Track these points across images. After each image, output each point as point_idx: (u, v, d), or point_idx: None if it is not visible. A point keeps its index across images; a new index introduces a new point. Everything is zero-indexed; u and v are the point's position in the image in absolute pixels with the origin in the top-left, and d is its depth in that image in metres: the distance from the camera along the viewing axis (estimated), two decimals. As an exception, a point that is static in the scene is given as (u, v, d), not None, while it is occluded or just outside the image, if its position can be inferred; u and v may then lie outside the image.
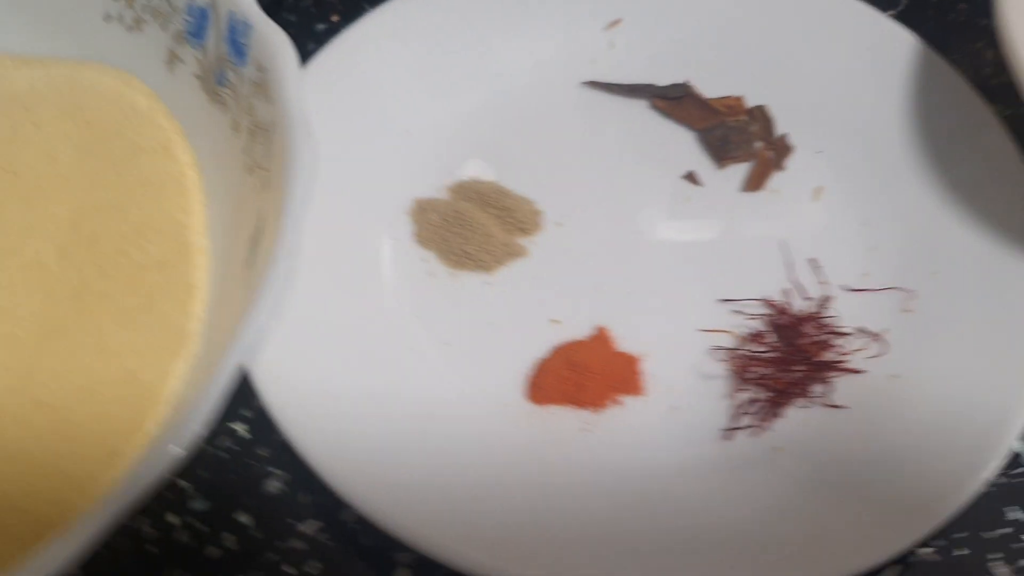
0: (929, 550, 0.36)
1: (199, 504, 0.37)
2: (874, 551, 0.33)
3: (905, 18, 0.48)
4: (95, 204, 0.38)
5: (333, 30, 0.45)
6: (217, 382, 0.28)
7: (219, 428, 0.39)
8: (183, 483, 0.38)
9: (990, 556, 0.36)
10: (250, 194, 0.36)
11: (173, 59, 0.40)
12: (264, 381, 0.35)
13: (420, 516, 0.33)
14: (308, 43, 0.47)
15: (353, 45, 0.44)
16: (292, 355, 0.36)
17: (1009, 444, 0.34)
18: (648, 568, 0.34)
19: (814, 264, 0.41)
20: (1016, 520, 0.36)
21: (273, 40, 0.35)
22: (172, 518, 0.37)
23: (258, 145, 0.36)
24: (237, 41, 0.37)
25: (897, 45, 0.44)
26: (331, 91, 0.43)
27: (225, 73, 0.37)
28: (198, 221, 0.39)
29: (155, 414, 0.33)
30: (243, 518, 0.37)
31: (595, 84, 0.47)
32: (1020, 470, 0.38)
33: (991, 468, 0.34)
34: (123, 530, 0.36)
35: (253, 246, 0.34)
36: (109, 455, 0.32)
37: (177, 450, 0.27)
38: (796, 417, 0.38)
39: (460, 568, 0.32)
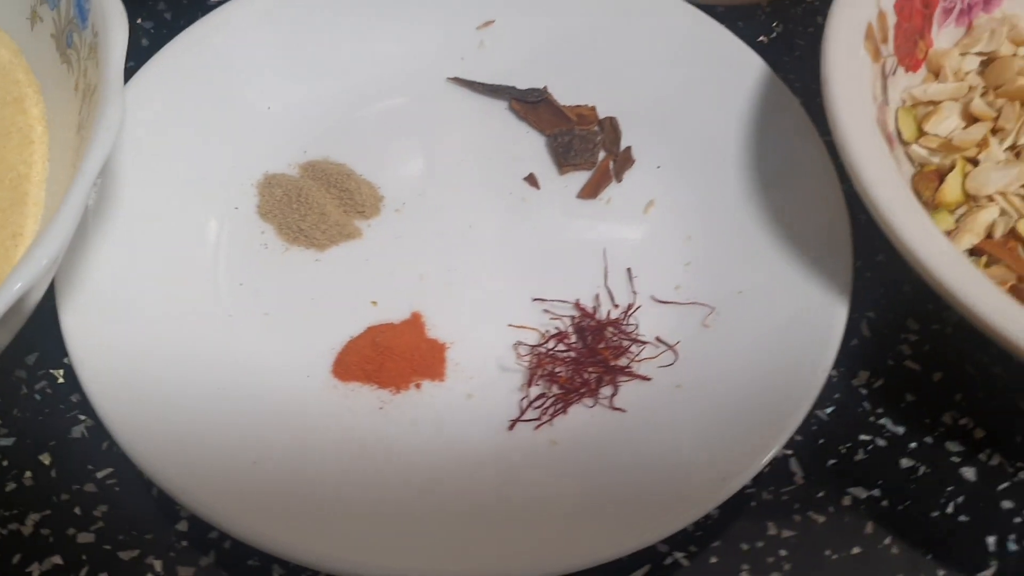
0: (681, 554, 0.37)
1: (4, 440, 0.39)
2: (620, 543, 0.34)
3: (773, 47, 0.50)
4: (-59, 145, 0.40)
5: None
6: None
7: (39, 373, 0.41)
8: (-6, 419, 0.39)
9: (740, 567, 0.37)
10: (74, 152, 0.37)
11: (35, 17, 0.42)
12: (71, 329, 0.37)
13: (196, 478, 0.35)
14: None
15: (226, 20, 0.46)
16: (106, 306, 0.38)
17: (763, 462, 0.35)
18: (428, 543, 0.35)
19: (629, 273, 0.43)
20: (773, 536, 0.38)
21: (108, 6, 0.37)
22: (-23, 451, 0.39)
23: (86, 106, 0.37)
24: (82, 5, 0.38)
25: (748, 71, 0.46)
26: (197, 64, 0.45)
27: (72, 35, 0.39)
28: (38, 174, 0.40)
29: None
30: (44, 458, 0.39)
31: (459, 81, 0.48)
32: (791, 487, 0.39)
33: (741, 480, 0.35)
34: (-72, 458, 0.38)
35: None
36: None
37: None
38: (579, 415, 0.39)
39: (228, 531, 0.34)
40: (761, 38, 0.52)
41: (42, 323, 0.37)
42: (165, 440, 0.36)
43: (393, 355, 0.40)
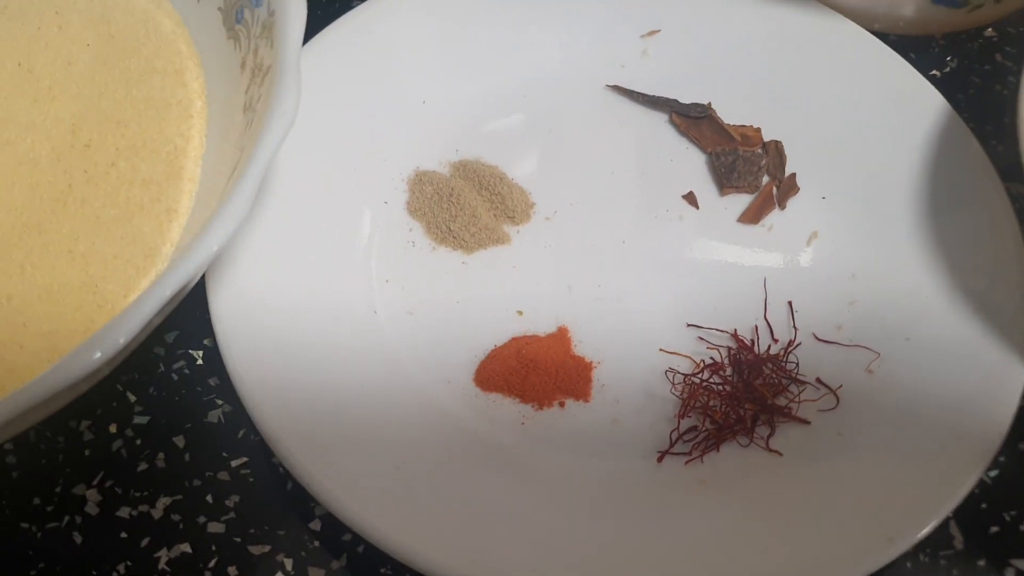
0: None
1: (141, 419, 0.38)
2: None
3: (947, 81, 0.48)
4: (99, 114, 0.39)
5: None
6: (150, 297, 0.28)
7: (178, 353, 0.40)
8: (132, 396, 0.39)
9: (895, 630, 0.35)
10: (239, 132, 0.36)
11: (202, -11, 0.41)
12: (219, 313, 0.36)
13: (338, 476, 0.34)
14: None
15: (387, 8, 0.44)
16: (254, 292, 0.37)
17: (925, 532, 0.33)
18: (566, 570, 0.34)
19: (791, 307, 0.41)
20: (930, 600, 0.36)
21: (286, -15, 0.35)
22: (113, 428, 0.38)
23: (255, 86, 0.36)
24: (257, -18, 0.37)
25: (925, 105, 0.43)
26: (356, 50, 0.44)
27: (243, 11, 0.38)
28: (195, 149, 0.40)
29: (105, 325, 0.34)
30: (179, 441, 0.38)
31: (619, 89, 0.47)
32: (950, 551, 0.37)
33: (908, 542, 0.33)
34: (64, 429, 0.38)
35: (228, 181, 0.34)
36: (51, 354, 0.33)
37: (97, 355, 0.28)
38: (732, 454, 0.37)
39: (366, 535, 0.33)
40: (934, 72, 0.49)
41: (184, 302, 0.36)
42: (305, 433, 0.35)
43: (538, 369, 0.39)
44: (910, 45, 0.48)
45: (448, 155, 0.44)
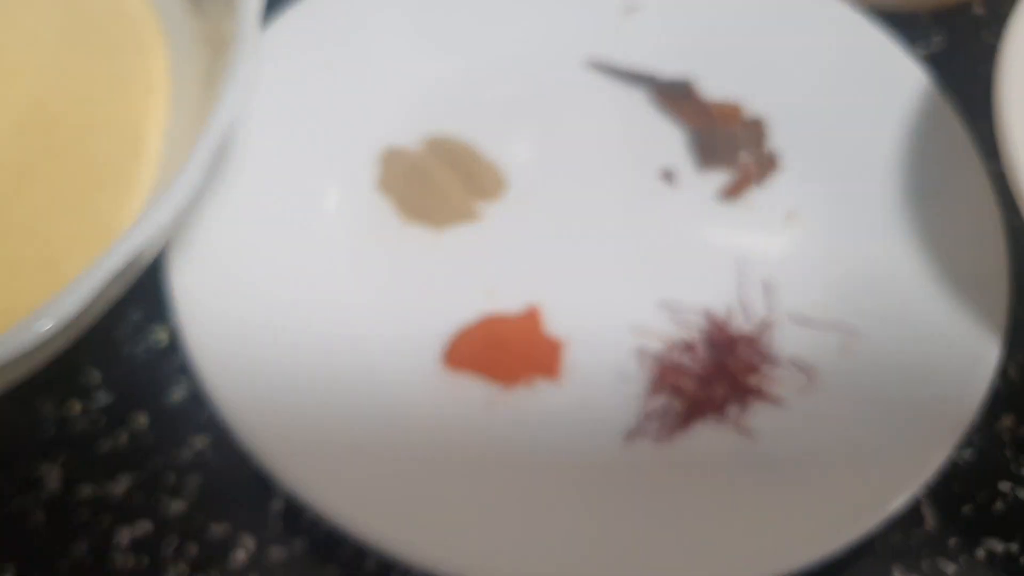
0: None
1: (104, 397, 0.38)
2: (737, 574, 0.32)
3: (933, 60, 0.47)
4: (63, 91, 0.38)
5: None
6: (100, 268, 0.28)
7: (142, 332, 0.39)
8: (95, 374, 0.38)
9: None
10: (200, 105, 0.36)
11: (168, -36, 0.40)
12: (180, 291, 0.36)
13: (298, 458, 0.33)
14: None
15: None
16: (217, 271, 0.37)
17: (899, 504, 0.33)
18: (533, 548, 0.33)
19: (767, 286, 0.40)
20: (898, 582, 0.35)
21: (246, -44, 0.35)
22: (75, 404, 0.38)
23: (218, 60, 0.36)
24: (220, -47, 0.37)
25: (909, 84, 0.43)
26: (327, 24, 0.43)
27: (207, -16, 0.38)
28: (157, 125, 0.39)
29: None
30: (141, 419, 0.37)
31: (599, 65, 0.46)
32: (920, 531, 0.36)
33: (874, 520, 0.33)
34: (26, 408, 0.37)
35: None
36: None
37: (47, 324, 0.27)
38: (702, 433, 0.37)
39: (330, 520, 0.32)
40: (920, 50, 0.48)
41: (146, 282, 0.35)
42: (267, 414, 0.34)
43: (507, 348, 0.38)
44: (896, 23, 0.47)
45: (420, 131, 0.44)
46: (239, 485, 0.36)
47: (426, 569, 0.31)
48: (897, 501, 0.33)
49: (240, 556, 0.35)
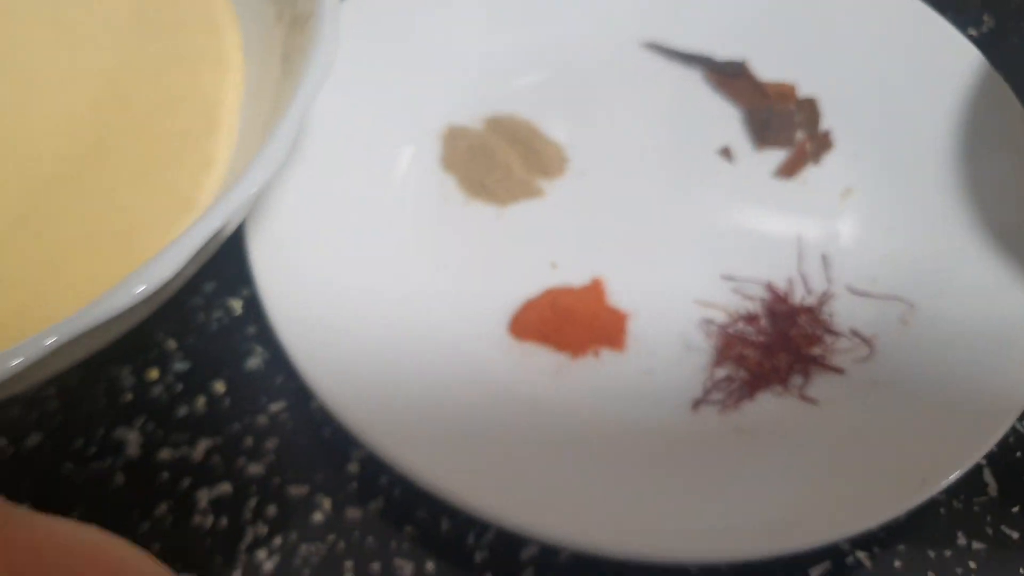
0: (864, 554, 0.35)
1: (181, 365, 0.39)
2: (802, 537, 0.32)
3: (984, 39, 0.47)
4: (137, 67, 0.40)
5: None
6: (191, 235, 0.29)
7: (217, 302, 0.40)
8: (171, 343, 0.39)
9: (926, 573, 0.35)
10: (276, 83, 0.37)
11: (240, -58, 0.41)
12: (258, 261, 0.37)
13: (375, 417, 0.34)
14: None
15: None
16: (292, 242, 0.38)
17: (957, 475, 0.33)
18: (596, 510, 0.34)
19: (825, 260, 0.41)
20: (963, 546, 0.36)
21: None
22: (153, 373, 0.39)
23: (293, 37, 0.37)
24: (294, -70, 0.38)
25: (962, 62, 0.43)
26: (392, 5, 0.44)
27: (281, -37, 0.39)
28: (232, 101, 0.40)
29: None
30: (218, 386, 0.38)
31: (654, 46, 0.47)
32: (983, 498, 0.37)
33: (941, 482, 0.33)
34: (103, 374, 0.38)
35: (265, 131, 0.35)
36: (92, 297, 0.34)
37: (141, 287, 0.28)
38: (766, 402, 0.37)
39: (405, 472, 0.33)
40: (971, 30, 0.49)
41: (221, 253, 0.36)
42: (344, 375, 0.35)
43: (573, 319, 0.39)
44: (947, 5, 0.48)
45: (482, 110, 0.45)
46: (315, 449, 0.37)
47: (497, 524, 0.32)
48: (958, 470, 0.33)
49: (318, 517, 0.36)
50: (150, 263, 0.29)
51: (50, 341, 0.27)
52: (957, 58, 0.44)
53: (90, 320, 0.28)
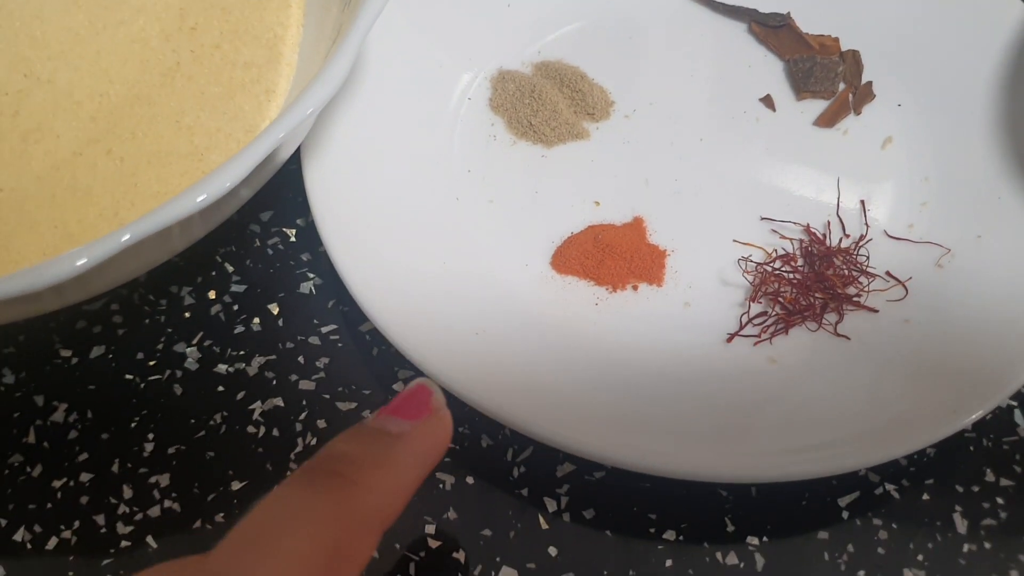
0: (893, 486, 0.36)
1: (238, 288, 0.41)
2: (833, 462, 0.33)
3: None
4: (205, 1, 0.41)
5: None
6: (248, 152, 0.30)
7: (272, 230, 0.42)
8: (229, 267, 0.41)
9: (953, 507, 0.36)
10: (335, 19, 0.38)
11: None
12: (314, 188, 0.38)
13: (422, 337, 0.36)
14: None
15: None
16: (347, 172, 0.39)
17: (989, 406, 0.34)
18: (635, 435, 0.35)
19: (863, 205, 0.42)
20: (991, 483, 0.37)
21: None
22: (212, 294, 0.40)
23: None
24: None
25: (1006, 15, 0.44)
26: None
27: (343, -98, 0.40)
28: (292, 36, 0.42)
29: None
30: (273, 308, 0.40)
31: (700, -1, 0.48)
32: (1013, 438, 0.38)
33: (972, 414, 0.34)
34: (167, 294, 0.40)
35: (325, 58, 0.36)
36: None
37: (203, 196, 0.30)
38: (800, 337, 0.38)
39: (449, 388, 0.34)
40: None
41: (277, 183, 0.38)
42: (395, 299, 0.37)
43: (613, 254, 0.40)
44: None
45: (530, 56, 0.46)
46: (363, 368, 0.39)
47: (535, 437, 0.34)
48: (988, 404, 0.34)
49: (364, 431, 0.37)
50: (212, 175, 0.30)
51: (125, 238, 0.29)
52: (1001, 11, 0.44)
53: (155, 223, 0.29)
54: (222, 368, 0.39)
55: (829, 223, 0.41)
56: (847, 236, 0.41)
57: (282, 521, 0.22)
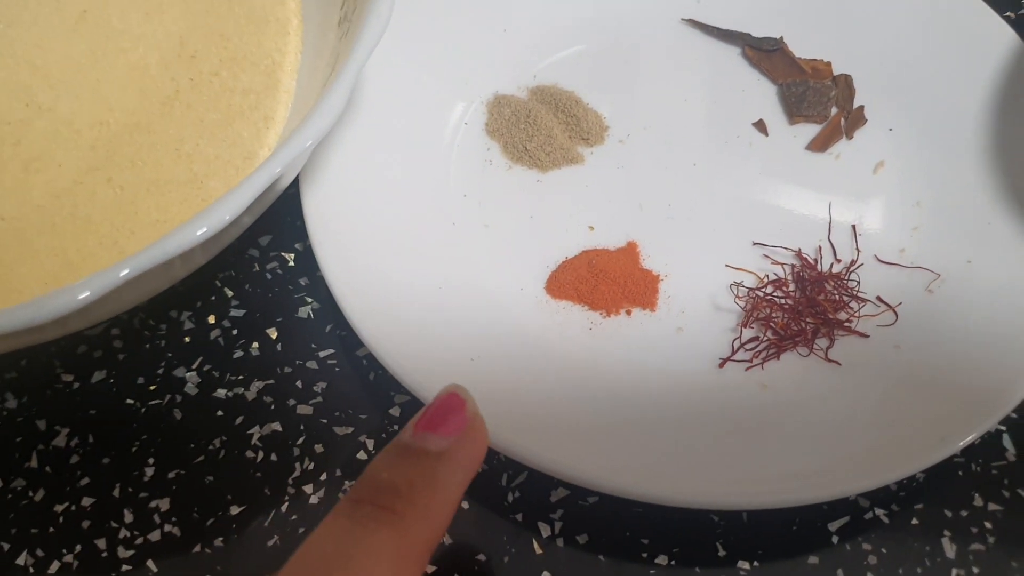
0: (882, 511, 0.37)
1: (237, 312, 0.41)
2: (823, 489, 0.34)
3: (1021, 22, 0.48)
4: (204, 28, 0.42)
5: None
6: (248, 184, 0.31)
7: (271, 255, 0.43)
8: (228, 292, 0.42)
9: (942, 532, 0.37)
10: (333, 47, 0.39)
11: (301, -87, 0.43)
12: (312, 215, 0.39)
13: (418, 364, 0.36)
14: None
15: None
16: (344, 198, 0.40)
17: (976, 434, 0.34)
18: (627, 459, 0.35)
19: (854, 230, 0.42)
20: (979, 508, 0.37)
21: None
22: (211, 319, 0.41)
23: (350, 1, 0.39)
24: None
25: (997, 43, 0.44)
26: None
27: (341, -68, 0.41)
28: (291, 63, 0.42)
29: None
30: (271, 333, 0.41)
31: (694, 22, 0.48)
32: (1002, 462, 0.38)
33: (960, 441, 0.34)
34: (167, 319, 0.41)
35: (322, 90, 0.37)
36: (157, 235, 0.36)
37: (203, 229, 0.30)
38: (791, 363, 0.39)
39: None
40: (1008, 13, 0.50)
41: (276, 208, 0.38)
42: (390, 325, 0.37)
43: (607, 279, 0.41)
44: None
45: (526, 80, 0.46)
46: (360, 393, 0.39)
47: (528, 463, 0.34)
48: (977, 430, 0.35)
49: (361, 455, 0.38)
50: (212, 207, 0.31)
51: (124, 272, 0.29)
52: (993, 39, 0.45)
53: (156, 256, 0.30)
54: (221, 393, 0.39)
55: (820, 248, 0.42)
56: (838, 261, 0.41)
57: (336, 560, 0.22)
